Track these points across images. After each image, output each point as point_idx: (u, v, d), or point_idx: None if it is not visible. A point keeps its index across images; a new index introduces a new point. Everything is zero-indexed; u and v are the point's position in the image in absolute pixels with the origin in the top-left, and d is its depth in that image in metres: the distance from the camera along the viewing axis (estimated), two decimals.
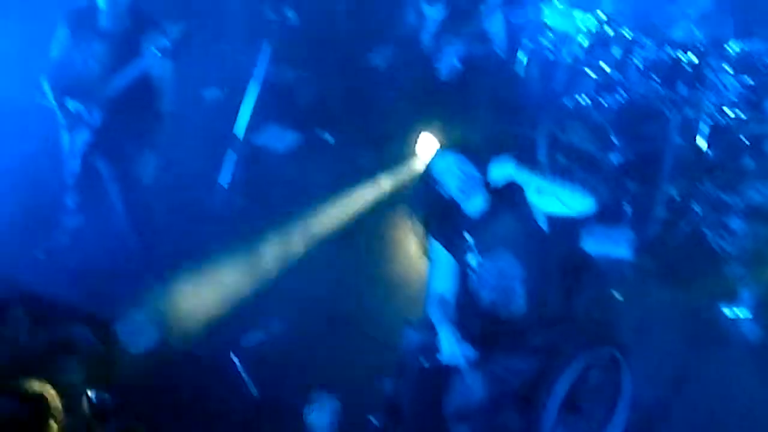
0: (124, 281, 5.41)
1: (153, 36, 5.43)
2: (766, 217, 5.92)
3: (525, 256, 4.03)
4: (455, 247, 4.10)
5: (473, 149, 4.11)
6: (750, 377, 4.90)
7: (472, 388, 3.98)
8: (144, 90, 5.52)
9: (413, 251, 4.42)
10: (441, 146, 4.52)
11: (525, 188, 3.98)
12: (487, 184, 4.04)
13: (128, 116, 5.51)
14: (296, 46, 6.83)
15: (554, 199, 3.95)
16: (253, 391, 4.66)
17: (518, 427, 4.00)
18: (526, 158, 4.31)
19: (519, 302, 4.04)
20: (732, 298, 5.51)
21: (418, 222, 4.18)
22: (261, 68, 6.28)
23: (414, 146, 5.76)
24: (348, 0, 7.10)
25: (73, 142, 5.56)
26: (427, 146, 5.08)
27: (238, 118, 6.31)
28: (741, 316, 5.44)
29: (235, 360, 4.66)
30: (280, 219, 5.88)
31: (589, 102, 6.29)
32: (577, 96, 6.29)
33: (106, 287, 5.30)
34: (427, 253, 4.20)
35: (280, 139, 6.80)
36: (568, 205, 3.96)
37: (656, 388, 4.65)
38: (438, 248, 4.14)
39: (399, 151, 5.70)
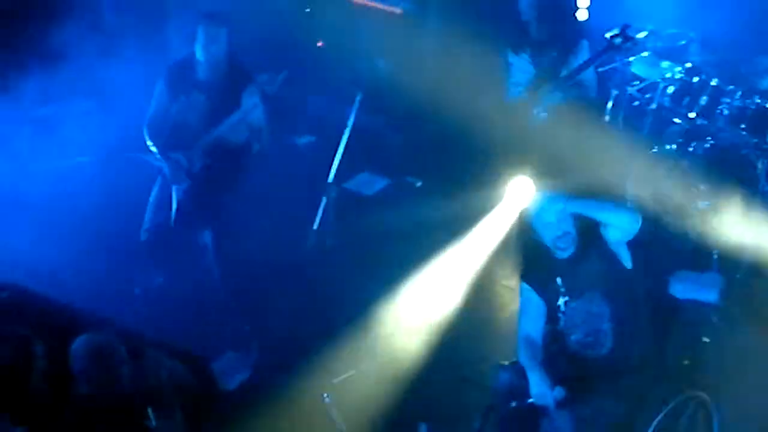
0: (218, 319, 5.67)
1: (250, 86, 5.70)
2: None
3: (611, 295, 4.18)
4: (546, 291, 4.28)
5: (566, 194, 4.29)
6: None
7: (561, 428, 4.11)
8: (241, 139, 5.78)
9: (505, 295, 4.60)
10: (535, 192, 4.71)
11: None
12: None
13: (226, 164, 5.78)
14: (386, 94, 7.08)
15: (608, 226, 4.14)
16: (342, 428, 4.83)
17: None
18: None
19: (607, 343, 4.18)
20: None
21: (511, 267, 4.38)
22: (352, 115, 6.51)
23: (506, 191, 5.90)
24: (436, 49, 7.35)
25: (171, 189, 5.81)
26: (520, 191, 5.24)
27: (330, 165, 6.56)
28: None
29: (327, 398, 4.83)
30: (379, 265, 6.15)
31: (674, 147, 6.41)
32: (666, 145, 6.42)
33: (200, 325, 5.57)
34: (517, 296, 4.39)
35: (370, 184, 7.07)
36: (617, 225, 4.13)
37: None
38: (528, 291, 4.33)
39: (490, 196, 5.89)
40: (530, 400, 4.11)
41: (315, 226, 6.48)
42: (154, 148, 5.79)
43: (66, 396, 3.98)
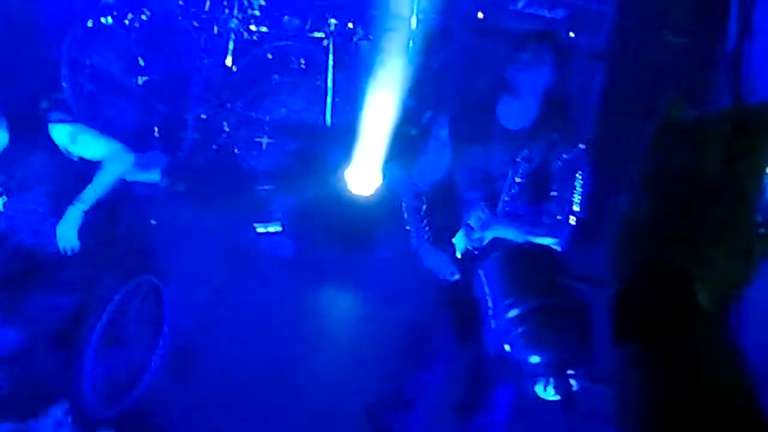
0: None
1: None
2: (291, 131, 6.68)
3: (54, 190, 4.18)
4: None
5: None
6: (282, 289, 5.62)
7: (4, 334, 4.10)
8: None
9: None
10: None
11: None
12: None
13: None
14: None
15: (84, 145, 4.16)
16: None
17: (56, 367, 4.20)
18: (51, 87, 4.40)
19: (53, 240, 4.20)
20: (263, 215, 6.21)
21: None
22: None
23: None
24: None
25: None
26: None
27: None
28: (272, 230, 6.15)
29: None
30: None
31: (111, 22, 6.47)
32: (102, 18, 6.43)
33: None
34: None
35: None
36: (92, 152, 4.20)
37: (196, 311, 5.16)
38: None
39: None
40: None
41: None
42: None
43: None
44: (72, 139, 4.10)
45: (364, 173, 6.09)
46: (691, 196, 1.14)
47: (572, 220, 3.79)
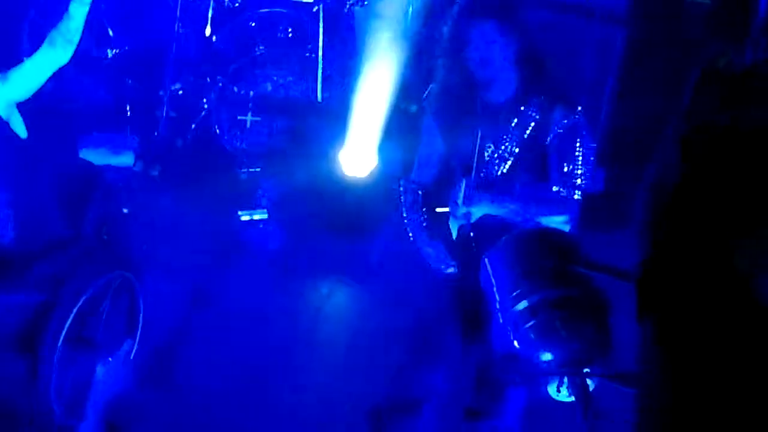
0: None
1: None
2: (279, 107, 6.64)
3: (10, 178, 4.14)
4: None
5: None
6: (270, 284, 5.60)
7: None
8: None
9: None
10: None
11: None
12: None
13: None
14: None
15: None
16: None
17: (20, 370, 4.17)
18: (8, 61, 4.35)
19: (10, 233, 4.17)
20: (248, 200, 6.18)
21: None
22: None
23: None
24: None
25: None
26: None
27: None
28: (258, 217, 6.13)
29: None
30: None
31: None
32: None
33: None
34: None
35: None
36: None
37: (176, 305, 5.14)
38: None
39: None
40: None
41: None
42: None
43: None
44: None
45: (358, 154, 6.04)
46: (736, 155, 1.10)
47: (577, 194, 3.81)
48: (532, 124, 3.91)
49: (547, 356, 3.17)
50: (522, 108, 3.90)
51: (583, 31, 5.80)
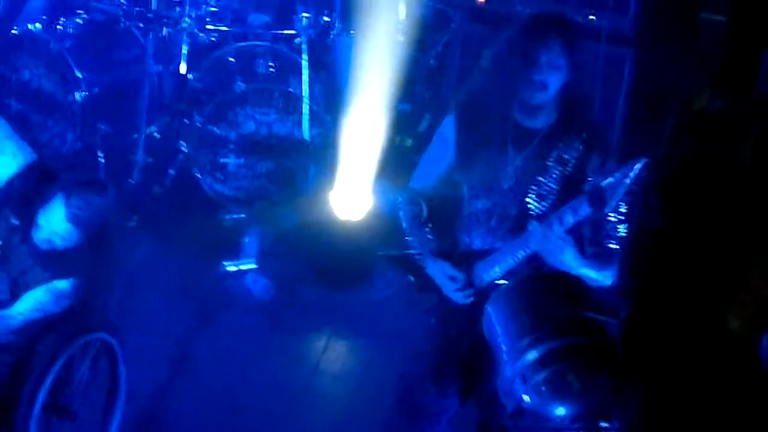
0: None
1: None
2: (264, 147, 6.68)
3: None
4: None
5: None
6: (259, 340, 5.65)
7: None
8: None
9: None
10: None
11: None
12: None
13: None
14: None
15: None
16: None
17: None
18: None
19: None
20: (233, 250, 6.22)
21: None
22: None
23: None
24: None
25: None
26: None
27: None
28: (245, 268, 6.17)
29: None
30: None
31: (40, 28, 6.52)
32: (29, 24, 6.49)
33: None
34: None
35: None
36: None
37: (157, 371, 5.18)
38: None
39: None
40: None
41: None
42: None
43: None
44: None
45: (351, 195, 6.09)
46: (721, 200, 1.16)
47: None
48: (573, 162, 3.81)
49: (560, 411, 3.21)
50: (561, 143, 3.83)
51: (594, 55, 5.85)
